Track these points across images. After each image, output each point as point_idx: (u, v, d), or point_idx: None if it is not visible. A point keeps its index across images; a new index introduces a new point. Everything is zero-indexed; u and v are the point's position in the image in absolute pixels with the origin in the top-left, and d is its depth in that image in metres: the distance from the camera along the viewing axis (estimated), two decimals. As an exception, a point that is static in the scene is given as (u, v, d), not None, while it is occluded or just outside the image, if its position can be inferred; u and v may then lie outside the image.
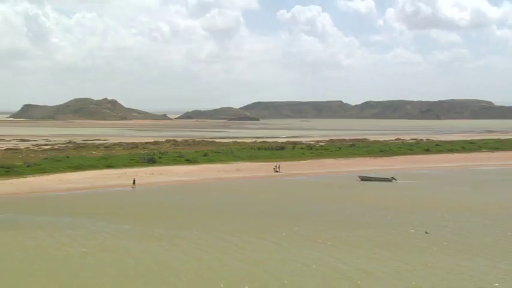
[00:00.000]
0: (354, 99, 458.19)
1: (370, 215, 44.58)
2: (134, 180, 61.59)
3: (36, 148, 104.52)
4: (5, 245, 34.80)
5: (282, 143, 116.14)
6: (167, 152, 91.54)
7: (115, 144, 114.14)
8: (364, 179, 67.08)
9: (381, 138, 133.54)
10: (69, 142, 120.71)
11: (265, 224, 40.99)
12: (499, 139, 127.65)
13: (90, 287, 27.15)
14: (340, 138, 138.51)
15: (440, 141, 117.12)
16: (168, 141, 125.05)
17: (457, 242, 35.29)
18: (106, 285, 27.30)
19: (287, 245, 34.39)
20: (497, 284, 26.86)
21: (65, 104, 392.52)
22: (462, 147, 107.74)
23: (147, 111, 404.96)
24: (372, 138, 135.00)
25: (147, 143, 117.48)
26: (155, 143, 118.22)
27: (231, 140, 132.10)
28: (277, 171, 74.36)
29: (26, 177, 63.52)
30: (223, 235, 37.16)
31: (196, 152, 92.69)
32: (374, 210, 46.41)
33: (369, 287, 26.55)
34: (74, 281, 27.83)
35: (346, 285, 26.83)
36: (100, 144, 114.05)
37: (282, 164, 78.46)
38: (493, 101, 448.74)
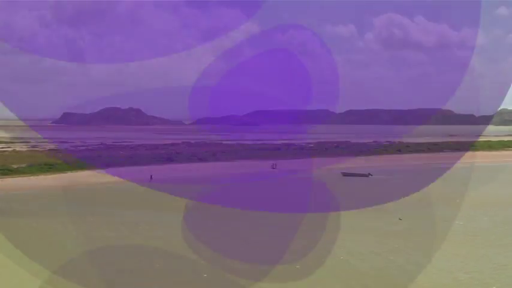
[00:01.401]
0: (338, 108, 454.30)
1: (352, 204, 44.36)
2: (151, 176, 61.81)
3: (73, 149, 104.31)
4: (53, 226, 34.99)
5: (278, 144, 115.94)
6: (182, 152, 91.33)
7: (139, 145, 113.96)
8: (345, 174, 66.86)
9: (361, 141, 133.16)
10: (101, 144, 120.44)
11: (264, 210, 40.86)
12: (458, 141, 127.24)
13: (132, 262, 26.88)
14: (326, 140, 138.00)
15: (410, 143, 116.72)
16: (183, 143, 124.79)
17: (426, 227, 35.20)
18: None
19: (284, 228, 34.31)
20: (460, 262, 26.65)
21: (98, 112, 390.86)
22: (428, 148, 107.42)
23: (165, 118, 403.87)
24: (353, 140, 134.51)
25: (165, 144, 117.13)
26: (172, 144, 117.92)
27: (235, 142, 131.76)
28: (274, 168, 74.16)
29: (65, 172, 63.49)
30: (240, 220, 37.52)
31: (206, 152, 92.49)
32: (355, 200, 46.21)
33: (354, 262, 26.44)
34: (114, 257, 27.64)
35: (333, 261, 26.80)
36: (126, 146, 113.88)
37: (278, 161, 78.25)
38: (453, 110, 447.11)
